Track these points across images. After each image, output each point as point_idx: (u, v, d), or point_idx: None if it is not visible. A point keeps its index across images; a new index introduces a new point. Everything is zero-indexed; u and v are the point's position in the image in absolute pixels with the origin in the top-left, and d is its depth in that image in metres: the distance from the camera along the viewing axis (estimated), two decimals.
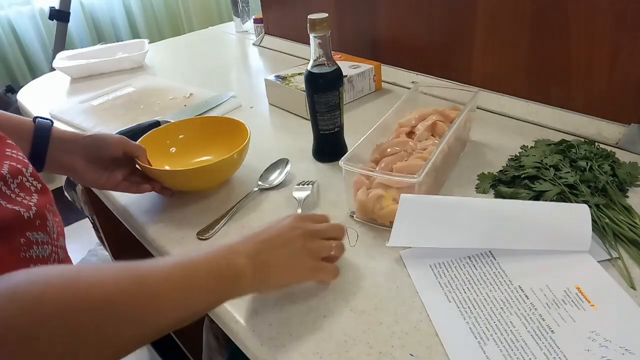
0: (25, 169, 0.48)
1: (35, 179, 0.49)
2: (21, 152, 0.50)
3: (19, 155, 0.49)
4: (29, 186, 0.48)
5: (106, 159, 0.66)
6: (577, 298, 0.48)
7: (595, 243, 0.54)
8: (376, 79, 1.03)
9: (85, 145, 0.64)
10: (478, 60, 0.90)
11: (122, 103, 1.07)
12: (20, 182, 0.46)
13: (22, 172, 0.47)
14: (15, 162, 0.47)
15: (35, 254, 0.45)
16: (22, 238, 0.44)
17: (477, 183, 0.67)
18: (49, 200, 0.50)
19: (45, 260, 0.46)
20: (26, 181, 0.47)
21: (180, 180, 0.69)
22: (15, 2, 2.41)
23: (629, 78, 0.72)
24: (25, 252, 0.44)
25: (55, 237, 0.49)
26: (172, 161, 0.76)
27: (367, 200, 0.60)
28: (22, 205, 0.45)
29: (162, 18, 2.89)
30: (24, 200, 0.46)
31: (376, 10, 1.06)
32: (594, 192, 0.60)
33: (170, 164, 0.76)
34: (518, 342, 0.44)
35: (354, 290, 0.52)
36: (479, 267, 0.53)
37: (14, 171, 0.46)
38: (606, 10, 0.70)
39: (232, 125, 0.77)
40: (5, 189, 0.44)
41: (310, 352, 0.45)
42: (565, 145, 0.70)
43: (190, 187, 0.72)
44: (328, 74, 0.70)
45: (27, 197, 0.46)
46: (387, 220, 0.59)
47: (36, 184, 0.49)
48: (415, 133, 0.70)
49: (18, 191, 0.46)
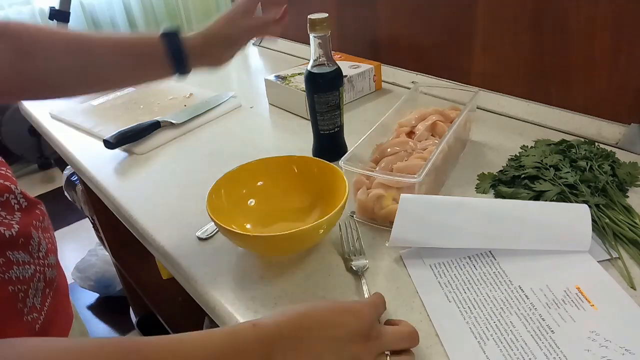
0: (15, 187, 0.47)
1: (24, 196, 0.48)
2: (10, 170, 0.49)
3: (8, 172, 0.48)
4: (14, 204, 0.46)
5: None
6: (577, 298, 0.48)
7: (595, 243, 0.54)
8: (376, 79, 1.03)
9: (219, 42, 0.65)
10: (478, 60, 0.90)
11: (122, 103, 1.07)
12: (5, 200, 0.45)
13: (11, 189, 0.46)
14: (3, 180, 0.46)
15: (15, 274, 0.43)
16: (1, 258, 0.42)
17: (477, 183, 0.67)
18: (36, 217, 0.49)
19: (28, 281, 0.45)
20: (13, 198, 0.47)
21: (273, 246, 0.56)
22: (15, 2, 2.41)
23: (629, 78, 0.72)
24: (4, 273, 0.42)
25: (42, 255, 0.48)
26: (252, 217, 0.63)
27: (367, 200, 0.60)
28: (2, 224, 0.44)
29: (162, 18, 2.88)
30: (4, 220, 0.44)
31: (376, 11, 1.06)
32: (594, 192, 0.60)
33: (251, 220, 0.62)
34: (518, 342, 0.44)
35: (354, 290, 0.52)
36: (479, 267, 0.53)
37: (2, 189, 0.45)
38: (606, 11, 0.70)
39: (320, 167, 0.63)
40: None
41: None
42: (565, 145, 0.70)
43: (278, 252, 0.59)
44: (328, 74, 0.70)
45: (9, 215, 0.45)
46: (387, 220, 0.59)
47: (23, 201, 0.48)
48: (415, 133, 0.70)
49: (0, 209, 0.45)
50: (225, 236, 0.56)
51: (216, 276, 0.56)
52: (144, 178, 0.78)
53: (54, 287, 0.50)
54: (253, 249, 0.58)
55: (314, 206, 0.63)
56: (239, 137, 0.89)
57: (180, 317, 1.19)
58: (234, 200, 0.62)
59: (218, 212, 0.56)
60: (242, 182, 0.63)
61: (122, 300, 1.64)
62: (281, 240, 0.54)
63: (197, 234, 0.63)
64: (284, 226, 0.62)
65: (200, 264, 0.58)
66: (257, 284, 0.54)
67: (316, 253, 0.58)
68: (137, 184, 0.76)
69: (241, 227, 0.61)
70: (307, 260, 0.57)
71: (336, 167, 0.61)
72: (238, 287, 0.54)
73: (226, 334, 0.36)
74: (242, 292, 0.53)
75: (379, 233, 0.60)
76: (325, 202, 0.61)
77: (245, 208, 0.64)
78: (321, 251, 0.58)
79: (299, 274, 0.55)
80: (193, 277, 0.56)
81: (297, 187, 0.64)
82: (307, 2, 1.22)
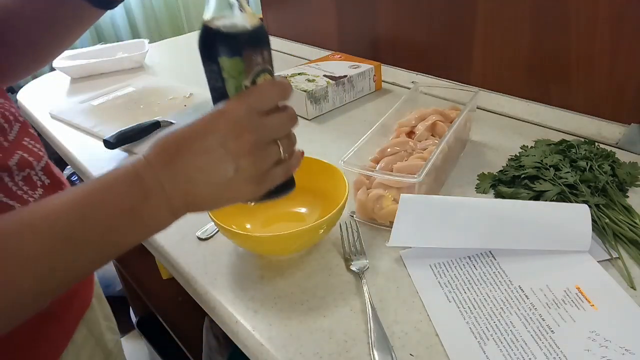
0: (37, 162, 0.46)
1: (46, 174, 0.47)
2: (40, 144, 0.48)
3: (35, 148, 0.47)
4: (35, 180, 0.46)
5: None
6: (577, 298, 0.48)
7: (595, 243, 0.54)
8: (376, 79, 1.03)
9: None
10: (478, 60, 0.90)
11: (122, 103, 1.07)
12: (27, 175, 0.45)
13: (32, 165, 0.45)
14: (27, 154, 0.45)
15: None
16: None
17: (477, 183, 0.67)
18: None
19: None
20: (34, 175, 0.46)
21: (277, 245, 0.56)
22: None
23: (629, 78, 0.72)
24: None
25: None
26: (252, 217, 0.63)
27: (367, 200, 0.60)
28: (21, 200, 0.43)
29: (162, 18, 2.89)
30: (24, 195, 0.44)
31: (376, 10, 1.06)
32: (594, 192, 0.60)
33: (251, 220, 0.63)
34: (518, 342, 0.44)
35: (354, 290, 0.52)
36: (479, 267, 0.53)
37: (23, 163, 0.44)
38: (606, 10, 0.70)
39: (320, 167, 0.62)
40: (7, 181, 0.43)
41: (310, 352, 0.45)
42: (565, 145, 0.70)
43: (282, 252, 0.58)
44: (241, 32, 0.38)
45: (31, 191, 0.45)
46: (387, 220, 0.59)
47: (45, 179, 0.47)
48: (415, 133, 0.70)
49: (22, 184, 0.44)
50: (225, 236, 0.56)
51: (216, 276, 0.56)
52: None
53: None
54: (253, 249, 0.58)
55: (314, 206, 0.63)
56: None
57: (180, 317, 1.19)
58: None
59: (218, 212, 0.56)
60: None
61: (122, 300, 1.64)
62: (281, 240, 0.54)
63: (197, 234, 0.63)
64: (284, 226, 0.63)
65: (200, 264, 0.58)
66: (257, 284, 0.54)
67: (316, 253, 0.58)
68: None
69: (241, 227, 0.61)
70: (307, 260, 0.57)
71: (336, 167, 0.61)
72: (238, 287, 0.54)
73: (94, 179, 0.36)
74: (242, 292, 0.53)
75: (379, 233, 0.60)
76: (325, 202, 0.61)
77: (245, 208, 0.63)
78: (321, 251, 0.58)
79: (299, 274, 0.55)
80: (193, 277, 0.56)
81: (297, 187, 0.64)
82: (307, 2, 1.23)
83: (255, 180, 0.37)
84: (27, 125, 0.48)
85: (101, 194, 0.35)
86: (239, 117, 0.36)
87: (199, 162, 0.36)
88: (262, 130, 0.37)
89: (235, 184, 0.37)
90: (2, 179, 0.42)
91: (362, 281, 0.52)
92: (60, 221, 0.33)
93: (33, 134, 0.48)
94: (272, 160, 0.38)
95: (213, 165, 0.36)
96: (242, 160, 0.36)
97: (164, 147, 0.36)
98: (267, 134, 0.38)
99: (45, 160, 0.48)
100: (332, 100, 0.95)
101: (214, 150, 0.36)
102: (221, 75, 0.38)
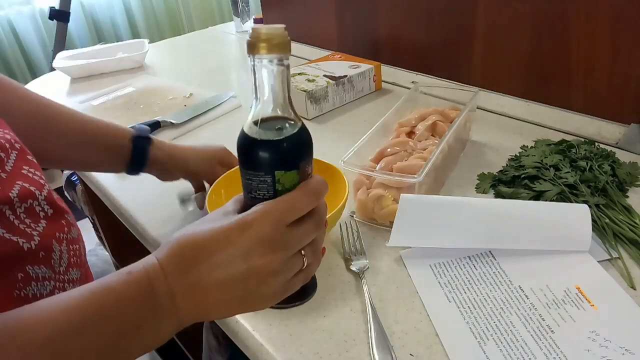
0: (40, 192, 0.44)
1: (49, 203, 0.45)
2: (40, 171, 0.46)
3: (35, 176, 0.45)
4: (38, 211, 0.43)
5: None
6: (577, 298, 0.48)
7: (595, 243, 0.54)
8: (376, 79, 1.03)
9: (177, 174, 0.65)
10: (478, 60, 0.90)
11: (122, 103, 1.07)
12: (29, 206, 0.42)
13: (35, 195, 0.43)
14: (29, 184, 0.43)
15: (33, 291, 0.40)
16: (20, 273, 0.39)
17: (477, 183, 0.67)
18: (61, 228, 0.45)
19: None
20: (37, 205, 0.43)
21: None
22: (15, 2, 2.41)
23: (629, 78, 0.72)
24: (21, 289, 0.39)
25: (62, 270, 0.44)
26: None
27: (367, 200, 0.60)
28: (23, 234, 0.40)
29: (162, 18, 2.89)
30: (27, 228, 0.41)
31: (376, 10, 1.06)
32: (594, 192, 0.60)
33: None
34: (518, 342, 0.44)
35: (354, 290, 0.52)
36: (479, 267, 0.53)
37: (24, 194, 0.42)
38: (606, 11, 0.70)
39: (320, 167, 0.61)
40: (9, 214, 0.40)
41: (310, 352, 0.45)
42: (565, 145, 0.70)
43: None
44: (282, 141, 0.35)
45: (33, 224, 0.42)
46: (387, 220, 0.59)
47: (48, 209, 0.44)
48: (415, 133, 0.70)
49: (24, 217, 0.41)
50: None
51: None
52: (144, 178, 0.78)
53: None
54: None
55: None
56: None
57: None
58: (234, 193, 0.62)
59: None
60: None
61: None
62: None
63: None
64: None
65: None
66: None
67: None
68: (137, 184, 0.76)
69: None
70: None
71: (336, 167, 0.61)
72: None
73: (103, 285, 0.32)
74: None
75: (379, 233, 0.60)
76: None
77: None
78: None
79: None
80: None
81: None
82: (307, 2, 1.23)
83: (274, 294, 0.35)
84: (24, 152, 0.45)
85: (109, 307, 0.31)
86: (265, 232, 0.33)
87: (218, 276, 0.33)
88: (289, 245, 0.35)
89: (252, 298, 0.35)
90: (4, 212, 0.40)
91: (362, 281, 0.52)
92: (55, 332, 0.29)
93: (32, 161, 0.46)
94: (293, 272, 0.36)
95: (233, 281, 0.33)
96: (264, 276, 0.34)
97: (181, 253, 0.34)
98: (294, 247, 0.35)
99: (47, 188, 0.45)
100: (332, 100, 0.95)
101: (235, 265, 0.33)
102: (274, 187, 0.36)
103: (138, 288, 0.32)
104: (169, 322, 0.33)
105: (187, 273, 0.33)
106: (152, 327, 0.33)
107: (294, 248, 0.35)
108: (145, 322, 0.32)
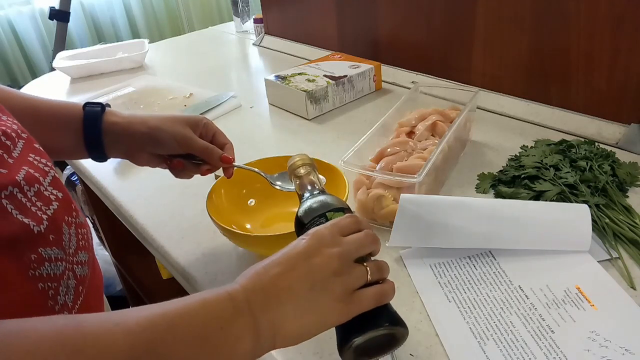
0: (43, 179, 0.44)
1: (56, 188, 0.46)
2: (45, 158, 0.46)
3: (40, 163, 0.45)
4: (47, 195, 0.44)
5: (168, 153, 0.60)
6: (577, 298, 0.48)
7: (595, 243, 0.54)
8: (376, 79, 1.03)
9: (142, 141, 0.59)
10: (478, 60, 0.90)
11: (122, 103, 1.07)
12: (37, 190, 0.43)
13: (40, 180, 0.44)
14: (34, 170, 0.44)
15: (47, 271, 0.41)
16: (33, 254, 0.40)
17: (477, 183, 0.67)
18: (70, 212, 0.46)
19: (58, 278, 0.43)
20: (44, 190, 0.44)
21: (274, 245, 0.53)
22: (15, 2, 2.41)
23: (629, 78, 0.72)
24: (35, 269, 0.40)
25: (71, 252, 0.45)
26: (252, 217, 0.63)
27: (367, 200, 0.60)
28: (34, 217, 0.41)
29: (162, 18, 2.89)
30: (38, 211, 0.42)
31: (376, 10, 1.06)
32: (594, 192, 0.60)
33: (251, 220, 0.63)
34: (518, 342, 0.44)
35: None
36: (479, 267, 0.53)
37: (30, 179, 0.43)
38: (606, 11, 0.70)
39: (320, 167, 0.59)
40: (21, 197, 0.41)
41: (310, 352, 0.45)
42: (565, 145, 0.70)
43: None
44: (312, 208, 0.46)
45: (45, 206, 0.43)
46: (387, 220, 0.59)
47: (57, 192, 0.45)
48: (415, 133, 0.70)
49: (35, 200, 0.42)
50: (225, 236, 0.56)
51: (216, 276, 0.56)
52: (144, 178, 0.78)
53: (86, 285, 0.49)
54: (253, 249, 0.58)
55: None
56: (239, 137, 0.89)
57: None
58: (234, 200, 0.62)
59: (218, 212, 0.56)
60: (242, 182, 0.63)
61: (122, 300, 1.64)
62: (281, 240, 0.54)
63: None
64: (284, 226, 0.62)
65: (200, 263, 0.58)
66: None
67: None
68: (137, 184, 0.76)
69: (241, 227, 0.61)
70: None
71: (336, 167, 0.61)
72: None
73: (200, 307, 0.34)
74: None
75: (379, 233, 0.59)
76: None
77: (245, 208, 0.64)
78: None
79: None
80: (193, 277, 0.56)
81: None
82: (307, 2, 1.23)
83: (342, 298, 0.37)
84: (31, 140, 0.46)
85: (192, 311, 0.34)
86: (322, 234, 0.39)
87: (286, 280, 0.36)
88: (344, 245, 0.39)
89: (321, 302, 0.37)
90: (15, 195, 0.41)
91: None
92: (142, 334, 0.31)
93: (39, 149, 0.46)
94: (358, 281, 0.38)
95: (299, 281, 0.36)
96: (327, 274, 0.37)
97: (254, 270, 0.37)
98: (349, 249, 0.39)
99: (52, 174, 0.46)
100: (332, 100, 0.95)
101: (298, 266, 0.37)
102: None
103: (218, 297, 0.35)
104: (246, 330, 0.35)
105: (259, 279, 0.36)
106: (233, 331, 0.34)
107: (348, 248, 0.39)
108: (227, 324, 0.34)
